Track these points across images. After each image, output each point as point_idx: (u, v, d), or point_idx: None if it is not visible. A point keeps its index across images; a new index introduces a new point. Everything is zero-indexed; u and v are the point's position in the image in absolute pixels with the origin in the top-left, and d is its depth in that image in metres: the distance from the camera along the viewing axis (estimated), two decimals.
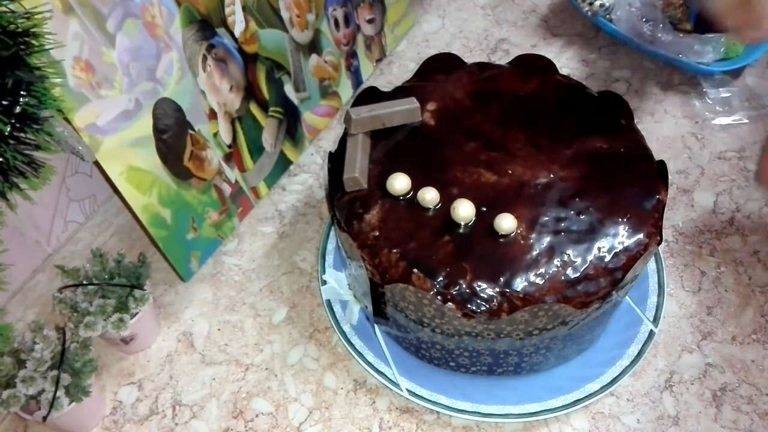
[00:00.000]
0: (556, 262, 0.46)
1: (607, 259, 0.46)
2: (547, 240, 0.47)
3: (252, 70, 0.62)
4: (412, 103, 0.54)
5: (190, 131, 0.58)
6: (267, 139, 0.66)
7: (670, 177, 0.65)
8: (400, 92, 0.57)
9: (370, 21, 0.76)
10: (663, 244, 0.60)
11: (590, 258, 0.46)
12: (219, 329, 0.60)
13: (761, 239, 0.62)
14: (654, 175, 0.50)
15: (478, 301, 0.45)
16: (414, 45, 0.83)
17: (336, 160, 0.53)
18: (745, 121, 0.72)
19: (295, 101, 0.69)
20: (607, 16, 0.77)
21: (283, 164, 0.70)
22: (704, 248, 0.62)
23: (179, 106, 0.56)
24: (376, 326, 0.56)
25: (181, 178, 0.58)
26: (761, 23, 0.51)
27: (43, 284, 0.64)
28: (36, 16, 0.35)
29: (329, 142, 0.73)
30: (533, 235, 0.47)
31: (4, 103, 0.34)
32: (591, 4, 0.77)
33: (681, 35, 0.74)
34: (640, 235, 0.47)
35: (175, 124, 0.56)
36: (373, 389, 0.56)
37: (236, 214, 0.66)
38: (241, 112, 0.62)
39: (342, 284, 0.58)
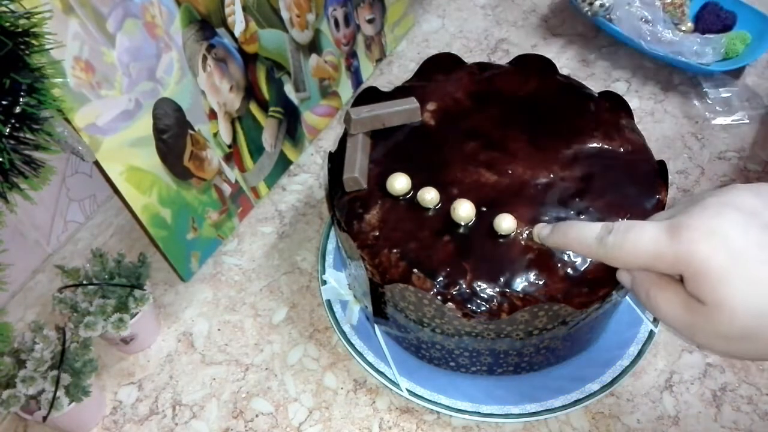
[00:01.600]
0: (556, 262, 0.46)
1: None
2: None
3: (252, 70, 0.62)
4: (412, 103, 0.54)
5: (190, 131, 0.58)
6: (267, 139, 0.66)
7: (670, 177, 0.65)
8: (400, 92, 0.57)
9: (370, 21, 0.76)
10: None
11: (590, 258, 0.46)
12: (219, 329, 0.60)
13: None
14: (654, 175, 0.50)
15: (478, 301, 0.45)
16: (414, 45, 0.83)
17: (336, 160, 0.53)
18: (745, 121, 0.72)
19: (295, 101, 0.69)
20: (607, 16, 0.77)
21: (283, 164, 0.70)
22: None
23: (179, 106, 0.56)
24: (376, 326, 0.56)
25: (181, 178, 0.58)
26: None
27: (43, 284, 0.64)
28: (36, 16, 0.35)
29: (329, 142, 0.73)
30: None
31: (4, 103, 0.35)
32: (591, 4, 0.77)
33: (681, 35, 0.75)
34: None
35: (175, 124, 0.56)
36: (373, 389, 0.56)
37: (236, 214, 0.66)
38: (241, 112, 0.62)
39: (342, 284, 0.58)
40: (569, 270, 0.45)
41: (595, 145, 0.52)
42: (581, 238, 0.39)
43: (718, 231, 0.32)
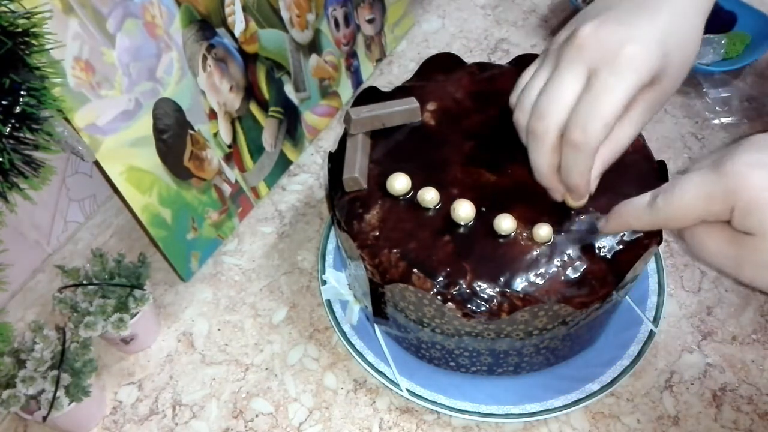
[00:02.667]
0: (556, 262, 0.46)
1: (607, 259, 0.46)
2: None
3: (252, 70, 0.62)
4: (412, 103, 0.54)
5: (190, 131, 0.58)
6: (267, 139, 0.66)
7: (670, 177, 0.65)
8: (400, 92, 0.57)
9: (370, 21, 0.76)
10: (663, 244, 0.60)
11: (590, 258, 0.46)
12: (219, 329, 0.60)
13: None
14: (654, 175, 0.50)
15: (478, 301, 0.45)
16: (414, 45, 0.83)
17: (336, 160, 0.53)
18: (745, 121, 0.72)
19: (295, 101, 0.69)
20: None
21: (283, 164, 0.70)
22: None
23: (179, 106, 0.56)
24: (376, 326, 0.56)
25: (181, 178, 0.58)
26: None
27: (43, 284, 0.64)
28: (36, 16, 0.35)
29: (329, 142, 0.73)
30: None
31: (4, 103, 0.35)
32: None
33: None
34: (640, 235, 0.47)
35: (175, 124, 0.56)
36: (373, 389, 0.56)
37: (236, 214, 0.66)
38: (241, 112, 0.62)
39: (342, 284, 0.58)
40: (569, 270, 0.45)
41: None
42: (635, 213, 0.39)
43: (765, 162, 0.32)
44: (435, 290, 0.45)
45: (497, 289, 0.45)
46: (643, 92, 0.41)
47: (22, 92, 0.35)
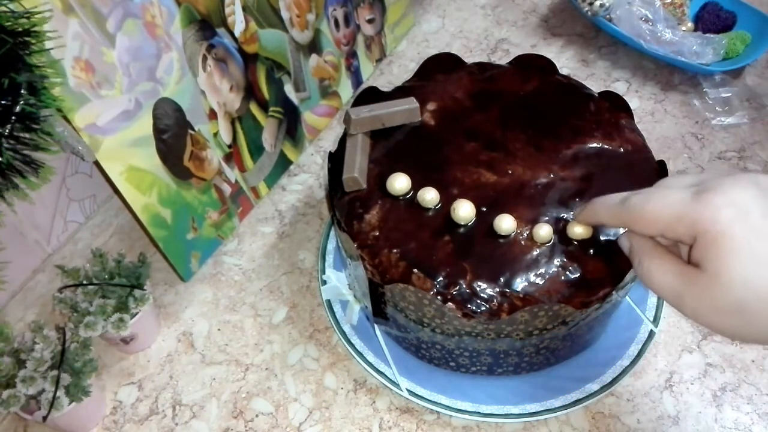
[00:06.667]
0: (556, 262, 0.46)
1: (607, 259, 0.46)
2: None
3: (252, 70, 0.62)
4: (411, 103, 0.54)
5: (190, 131, 0.58)
6: (267, 139, 0.66)
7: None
8: (400, 92, 0.57)
9: (370, 21, 0.76)
10: None
11: (590, 258, 0.46)
12: (219, 329, 0.60)
13: None
14: (654, 175, 0.50)
15: (478, 301, 0.45)
16: (414, 45, 0.83)
17: (336, 160, 0.53)
18: (745, 121, 0.72)
19: (295, 101, 0.69)
20: (607, 16, 0.77)
21: (283, 164, 0.70)
22: None
23: (179, 106, 0.56)
24: (376, 326, 0.56)
25: (181, 178, 0.58)
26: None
27: (43, 284, 0.64)
28: (36, 16, 0.36)
29: (329, 142, 0.73)
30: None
31: (4, 103, 0.35)
32: (591, 4, 0.77)
33: (681, 35, 0.75)
34: None
35: (175, 124, 0.56)
36: (373, 389, 0.56)
37: (236, 214, 0.66)
38: (241, 112, 0.62)
39: (342, 284, 0.58)
40: (569, 270, 0.45)
41: (595, 145, 0.52)
42: (608, 206, 0.40)
43: (742, 203, 0.32)
44: (435, 290, 0.45)
45: (497, 289, 0.45)
46: None
47: (22, 92, 0.35)
